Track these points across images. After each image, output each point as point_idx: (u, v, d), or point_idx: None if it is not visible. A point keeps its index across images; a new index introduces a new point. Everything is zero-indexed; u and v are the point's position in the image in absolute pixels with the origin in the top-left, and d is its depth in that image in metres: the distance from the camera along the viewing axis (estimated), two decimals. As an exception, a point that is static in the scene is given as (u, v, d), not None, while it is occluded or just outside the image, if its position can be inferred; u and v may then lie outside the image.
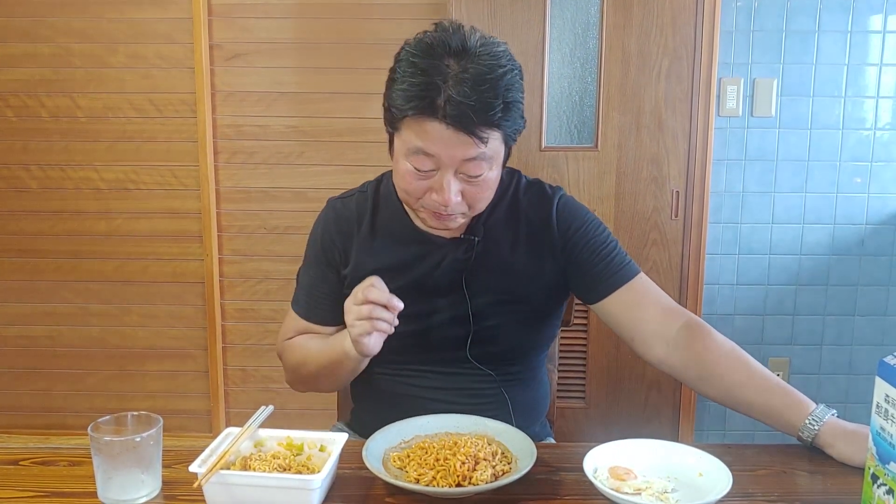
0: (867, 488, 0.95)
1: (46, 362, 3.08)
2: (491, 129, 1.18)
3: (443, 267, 1.35)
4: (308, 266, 1.44)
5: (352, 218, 1.40)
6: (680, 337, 1.30)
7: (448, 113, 1.14)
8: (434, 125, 1.16)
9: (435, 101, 1.15)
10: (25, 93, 2.91)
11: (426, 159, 1.20)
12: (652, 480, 1.07)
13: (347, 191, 1.46)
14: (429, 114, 1.16)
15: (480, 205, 1.28)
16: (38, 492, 1.08)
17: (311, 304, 1.42)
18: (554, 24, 2.62)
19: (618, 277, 1.34)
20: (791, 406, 1.19)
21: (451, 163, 1.19)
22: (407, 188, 1.25)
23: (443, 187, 1.21)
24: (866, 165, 2.87)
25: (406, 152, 1.22)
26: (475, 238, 1.34)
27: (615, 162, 2.67)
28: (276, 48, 2.88)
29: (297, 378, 1.44)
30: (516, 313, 1.37)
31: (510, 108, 1.19)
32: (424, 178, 1.22)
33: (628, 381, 2.79)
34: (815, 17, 2.78)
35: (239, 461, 1.06)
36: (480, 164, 1.20)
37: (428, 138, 1.18)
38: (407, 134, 1.20)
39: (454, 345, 1.36)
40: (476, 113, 1.14)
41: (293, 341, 1.43)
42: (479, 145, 1.18)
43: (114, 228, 2.99)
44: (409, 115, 1.18)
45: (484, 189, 1.25)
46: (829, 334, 2.97)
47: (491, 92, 1.15)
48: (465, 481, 1.04)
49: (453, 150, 1.18)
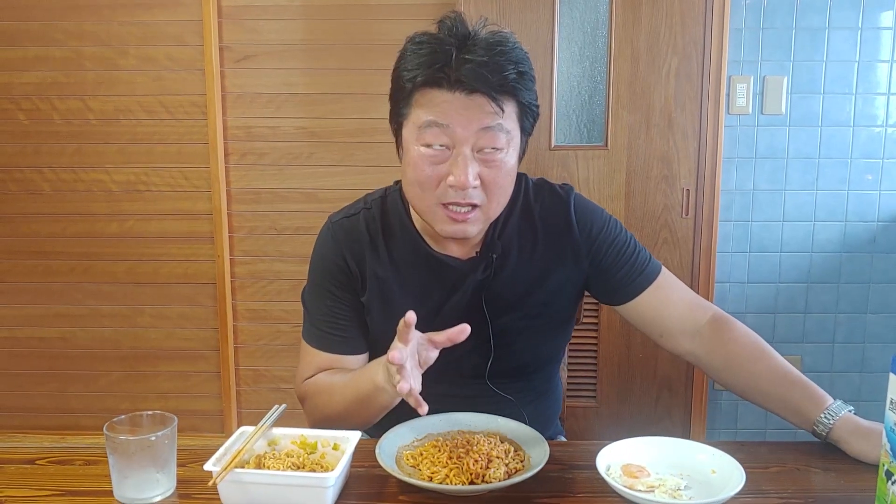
0: (881, 485, 0.95)
1: (59, 363, 3.10)
2: (506, 96, 1.15)
3: (461, 290, 1.29)
4: (318, 292, 1.33)
5: (363, 239, 1.31)
6: (706, 329, 1.31)
7: (461, 77, 1.12)
8: (445, 95, 1.14)
9: (445, 67, 1.12)
10: (37, 96, 2.93)
11: (439, 132, 1.15)
12: (665, 478, 1.07)
13: (348, 207, 1.37)
14: (440, 82, 1.13)
15: (499, 197, 1.21)
16: (54, 491, 1.08)
17: (328, 335, 1.32)
18: (563, 23, 2.62)
19: (643, 278, 1.33)
20: (808, 399, 1.19)
21: (465, 135, 1.14)
22: (420, 178, 1.18)
23: (458, 164, 1.15)
24: (877, 162, 2.85)
25: (417, 134, 1.17)
26: (493, 256, 1.29)
27: (625, 161, 2.67)
28: (286, 50, 2.88)
29: (323, 419, 1.28)
30: (538, 326, 1.34)
31: (524, 77, 1.17)
32: (438, 162, 1.16)
33: (639, 379, 2.78)
34: (826, 13, 2.77)
35: (253, 460, 1.06)
36: (497, 135, 1.15)
37: (440, 109, 1.14)
38: (417, 112, 1.17)
39: (474, 368, 1.33)
40: (490, 72, 1.12)
41: (315, 380, 1.31)
42: (496, 110, 1.14)
43: (125, 230, 3.00)
44: (419, 89, 1.15)
45: (501, 174, 1.18)
46: (840, 332, 2.96)
47: (503, 57, 1.14)
48: (479, 479, 1.05)
49: (468, 118, 1.14)
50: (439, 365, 1.16)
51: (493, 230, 1.30)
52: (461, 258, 1.31)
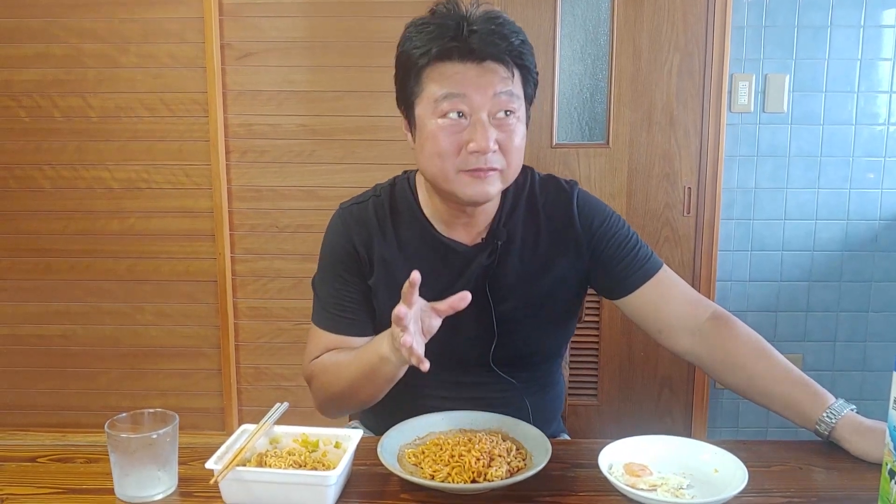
0: (884, 484, 0.95)
1: (60, 361, 3.10)
2: (514, 60, 1.20)
3: (466, 275, 1.32)
4: (327, 276, 1.37)
5: (371, 224, 1.34)
6: (706, 328, 1.31)
7: (472, 46, 1.17)
8: (457, 66, 1.19)
9: (456, 39, 1.18)
10: (38, 93, 2.93)
11: (457, 101, 1.19)
12: (667, 477, 1.07)
13: (358, 195, 1.41)
14: (451, 55, 1.18)
15: (515, 161, 1.24)
16: (55, 488, 1.08)
17: (337, 317, 1.34)
18: (565, 21, 2.62)
19: (643, 272, 1.34)
20: (810, 398, 1.19)
21: (482, 101, 1.19)
22: (439, 149, 1.21)
23: (477, 130, 1.19)
24: (879, 161, 2.85)
25: (433, 108, 1.21)
26: (498, 242, 1.32)
27: (626, 158, 2.67)
28: (287, 47, 2.88)
29: (329, 398, 1.32)
30: (540, 316, 1.35)
31: (525, 45, 1.23)
32: (457, 131, 1.20)
33: (641, 378, 2.78)
34: (828, 12, 2.77)
35: (255, 458, 1.06)
36: (511, 99, 1.21)
37: (454, 80, 1.19)
38: (430, 88, 1.21)
39: (478, 354, 1.34)
40: (500, 38, 1.18)
41: (322, 360, 1.34)
42: (508, 74, 1.20)
43: (126, 227, 3.00)
44: (431, 65, 1.20)
45: (517, 136, 1.23)
46: (842, 330, 2.95)
47: (504, 27, 1.20)
48: (480, 477, 1.04)
49: (483, 85, 1.19)
50: (444, 349, 1.18)
51: (499, 217, 1.34)
52: (467, 244, 1.33)
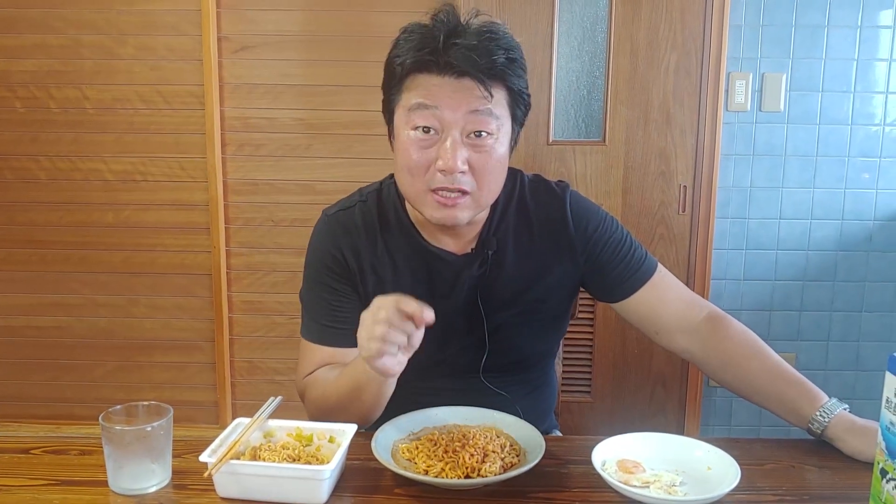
0: (876, 483, 0.95)
1: (55, 353, 3.09)
2: (495, 81, 1.16)
3: (457, 286, 1.29)
4: (315, 286, 1.32)
5: (359, 232, 1.30)
6: (702, 327, 1.31)
7: (450, 60, 1.13)
8: (435, 79, 1.15)
9: (435, 51, 1.14)
10: (34, 84, 2.92)
11: (428, 114, 1.15)
12: (660, 474, 1.07)
13: (343, 200, 1.36)
14: (430, 66, 1.15)
15: (489, 184, 1.20)
16: (49, 480, 1.08)
17: (328, 328, 1.30)
18: (562, 18, 2.62)
19: (640, 276, 1.33)
20: (804, 397, 1.20)
21: (454, 118, 1.15)
22: (409, 163, 1.18)
23: (446, 148, 1.15)
24: (875, 161, 2.86)
25: (407, 118, 1.18)
26: (489, 252, 1.29)
27: (623, 156, 2.67)
28: (284, 41, 2.88)
29: (322, 415, 1.25)
30: (532, 322, 1.34)
31: (514, 63, 1.17)
32: (427, 146, 1.17)
33: (634, 375, 2.79)
34: (825, 11, 2.77)
35: (249, 451, 1.06)
36: (487, 119, 1.16)
37: (429, 92, 1.15)
38: (407, 96, 1.18)
39: (468, 364, 1.33)
40: (480, 55, 1.13)
41: (314, 376, 1.29)
42: (484, 94, 1.14)
43: (122, 220, 2.99)
44: (410, 74, 1.16)
45: (491, 159, 1.18)
46: (836, 330, 2.96)
47: (493, 42, 1.15)
48: (474, 473, 1.05)
49: (457, 100, 1.14)
50: (434, 360, 1.17)
51: (489, 226, 1.30)
52: (457, 253, 1.30)
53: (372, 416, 1.23)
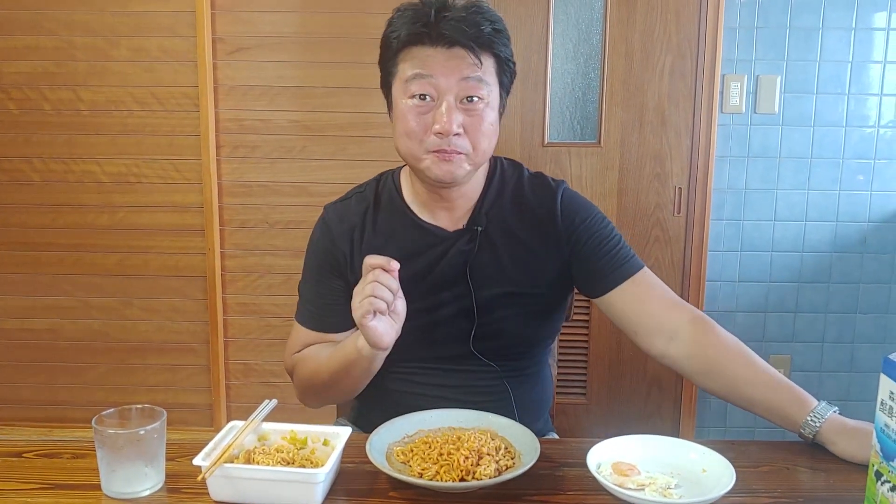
0: (871, 485, 0.95)
1: (48, 355, 3.08)
2: (484, 50, 1.24)
3: (446, 259, 1.34)
4: (311, 277, 1.41)
5: (353, 218, 1.39)
6: (684, 332, 1.30)
7: (442, 31, 1.22)
8: (428, 50, 1.24)
9: (427, 24, 1.22)
10: (28, 86, 2.91)
11: (424, 83, 1.23)
12: (655, 476, 1.07)
13: (345, 194, 1.45)
14: (423, 39, 1.23)
15: (482, 144, 1.27)
16: (41, 484, 1.08)
17: (319, 315, 1.39)
18: (557, 20, 2.62)
19: (622, 271, 1.34)
20: (793, 402, 1.19)
21: (448, 84, 1.23)
22: (407, 129, 1.26)
23: (442, 113, 1.23)
24: (869, 163, 2.86)
25: (404, 88, 1.25)
26: (478, 228, 1.34)
27: (618, 158, 2.67)
28: (279, 42, 2.87)
29: (310, 390, 1.38)
30: (520, 306, 1.36)
31: (500, 33, 1.26)
32: (424, 111, 1.24)
33: (630, 377, 2.79)
34: (819, 13, 2.78)
35: (242, 455, 1.06)
36: (478, 85, 1.24)
37: (424, 62, 1.24)
38: (403, 68, 1.26)
39: (459, 339, 1.35)
40: (469, 26, 1.22)
41: (303, 353, 1.39)
42: (475, 61, 1.23)
43: (116, 222, 2.98)
44: (405, 48, 1.25)
45: (484, 122, 1.26)
46: (830, 331, 2.97)
47: (479, 15, 1.24)
48: (469, 476, 1.04)
49: (450, 69, 1.23)
50: (425, 332, 1.28)
51: (481, 203, 1.37)
52: (448, 229, 1.36)
53: (357, 391, 1.35)
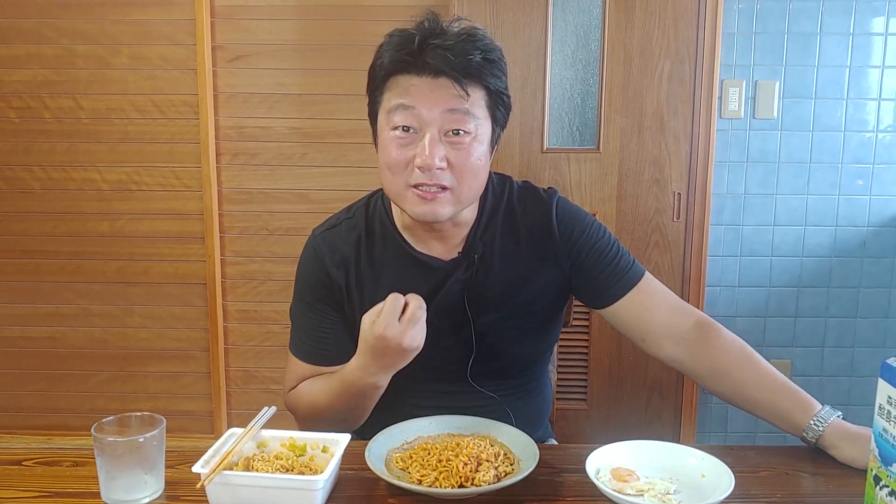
0: (870, 490, 0.95)
1: (48, 363, 3.08)
2: (472, 80, 1.18)
3: (444, 290, 1.30)
4: (302, 307, 1.36)
5: (345, 248, 1.33)
6: (690, 335, 1.30)
7: (426, 59, 1.16)
8: (413, 79, 1.18)
9: (413, 50, 1.17)
10: (28, 94, 2.92)
11: (407, 114, 1.18)
12: (654, 482, 1.07)
13: (331, 218, 1.39)
14: (408, 67, 1.18)
15: (468, 181, 1.21)
16: (41, 492, 1.08)
17: (312, 348, 1.34)
18: (556, 26, 2.63)
19: (625, 281, 1.33)
20: (797, 406, 1.19)
21: (431, 116, 1.17)
22: (389, 161, 1.20)
23: (424, 146, 1.17)
24: (868, 167, 2.87)
25: (387, 119, 1.20)
26: (475, 255, 1.31)
27: (617, 164, 2.67)
28: (279, 50, 2.88)
29: (313, 423, 1.30)
30: (520, 327, 1.35)
31: (492, 64, 1.20)
32: (406, 144, 1.19)
33: (630, 382, 2.79)
34: (818, 19, 2.78)
35: (242, 462, 1.06)
36: (464, 118, 1.18)
37: (407, 92, 1.18)
38: (387, 97, 1.21)
39: (457, 367, 1.34)
40: (455, 55, 1.16)
41: (299, 388, 1.34)
42: (461, 93, 1.17)
43: (116, 229, 2.99)
44: (391, 76, 1.19)
45: (471, 157, 1.19)
46: (830, 336, 2.97)
47: (469, 44, 1.17)
48: (468, 482, 1.04)
49: (434, 100, 1.17)
50: (422, 363, 1.19)
51: (475, 230, 1.32)
52: (443, 258, 1.32)
53: (359, 419, 1.29)
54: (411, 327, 1.12)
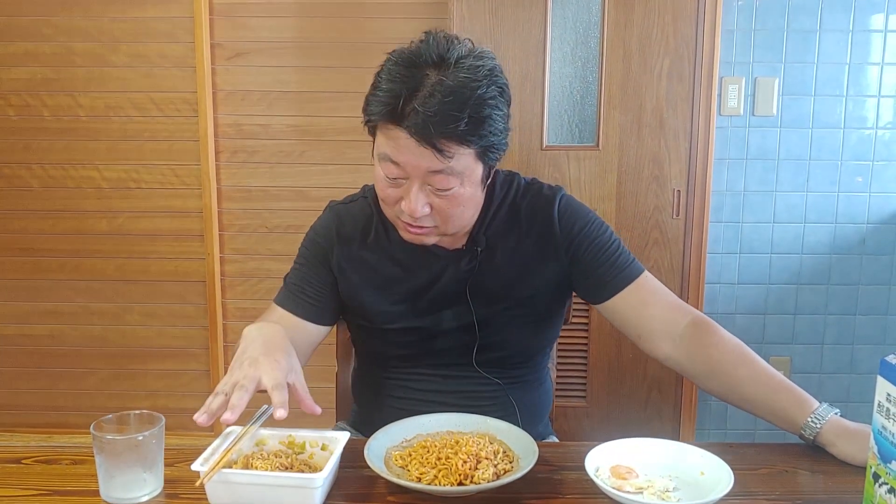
0: (869, 487, 0.95)
1: (48, 361, 3.08)
2: (455, 144, 1.15)
3: (446, 278, 1.33)
4: (298, 259, 1.41)
5: (356, 224, 1.38)
6: (686, 333, 1.30)
7: (411, 123, 1.13)
8: (400, 133, 1.15)
9: (399, 110, 1.14)
10: (27, 92, 2.91)
11: (393, 167, 1.19)
12: (654, 479, 1.07)
13: (349, 195, 1.44)
14: (395, 121, 1.15)
15: (454, 221, 1.24)
16: (40, 490, 1.08)
17: (295, 296, 1.38)
18: (555, 23, 2.62)
19: (623, 277, 1.34)
20: (794, 404, 1.19)
21: (415, 173, 1.18)
22: (381, 195, 1.25)
23: (408, 195, 1.20)
24: (867, 164, 2.87)
25: (378, 158, 1.22)
26: (478, 248, 1.33)
27: (616, 161, 2.67)
28: (278, 47, 2.88)
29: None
30: (521, 318, 1.36)
31: (481, 124, 1.15)
32: (395, 187, 1.21)
33: (630, 380, 2.79)
34: (817, 16, 2.78)
35: (241, 460, 1.06)
36: (447, 178, 1.18)
37: (395, 146, 1.17)
38: (379, 139, 1.21)
39: (460, 353, 1.36)
40: (436, 125, 1.12)
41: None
42: (442, 159, 1.15)
43: (115, 227, 2.99)
44: (379, 122, 1.18)
45: (454, 204, 1.21)
46: (830, 333, 2.97)
47: (456, 105, 1.12)
48: (467, 480, 1.04)
49: (417, 160, 1.16)
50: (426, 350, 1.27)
51: (480, 225, 1.34)
52: (448, 248, 1.35)
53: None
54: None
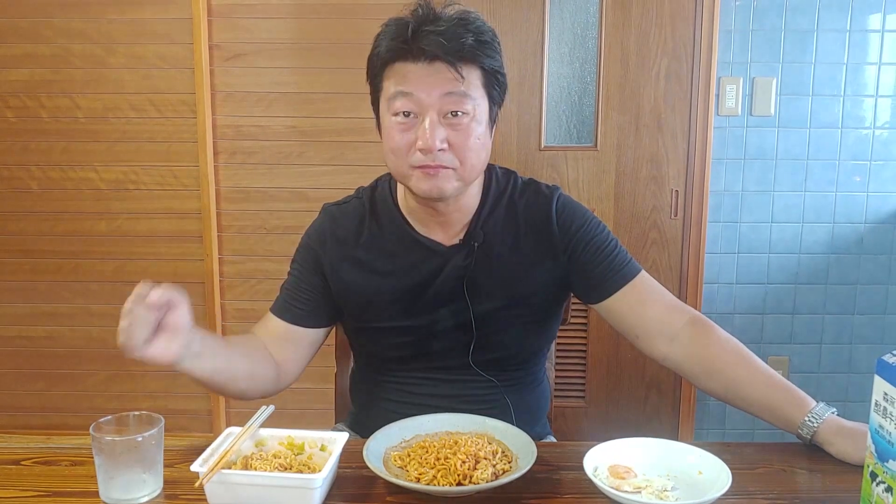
0: (866, 486, 0.96)
1: (47, 362, 3.08)
2: (466, 63, 1.21)
3: (443, 274, 1.33)
4: (293, 267, 1.43)
5: (350, 224, 1.38)
6: (684, 333, 1.31)
7: (421, 45, 1.19)
8: (409, 66, 1.21)
9: (408, 38, 1.20)
10: (25, 93, 2.91)
11: (406, 100, 1.22)
12: (652, 479, 1.07)
13: (343, 197, 1.45)
14: (405, 55, 1.21)
15: (471, 158, 1.25)
16: (39, 491, 1.08)
17: (288, 303, 1.40)
18: (553, 24, 2.63)
19: (620, 276, 1.34)
20: (791, 403, 1.20)
21: (429, 100, 1.21)
22: (393, 146, 1.25)
23: (425, 129, 1.21)
24: (865, 164, 2.87)
25: (388, 105, 1.24)
26: (474, 243, 1.33)
27: (614, 161, 2.67)
28: (276, 48, 2.88)
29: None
30: (519, 317, 1.36)
31: (485, 45, 1.23)
32: (408, 129, 1.23)
33: (628, 380, 2.79)
34: (814, 16, 2.79)
35: (240, 460, 1.06)
36: (461, 100, 1.22)
37: (405, 79, 1.22)
38: (387, 85, 1.24)
39: (457, 352, 1.36)
40: (447, 40, 1.19)
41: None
42: (456, 76, 1.20)
43: (114, 229, 2.99)
44: (388, 64, 1.23)
45: (470, 137, 1.23)
46: (828, 333, 2.97)
47: (461, 28, 1.21)
48: (466, 480, 1.05)
49: (430, 85, 1.20)
50: (422, 347, 1.28)
51: (477, 219, 1.35)
52: (444, 244, 1.35)
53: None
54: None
